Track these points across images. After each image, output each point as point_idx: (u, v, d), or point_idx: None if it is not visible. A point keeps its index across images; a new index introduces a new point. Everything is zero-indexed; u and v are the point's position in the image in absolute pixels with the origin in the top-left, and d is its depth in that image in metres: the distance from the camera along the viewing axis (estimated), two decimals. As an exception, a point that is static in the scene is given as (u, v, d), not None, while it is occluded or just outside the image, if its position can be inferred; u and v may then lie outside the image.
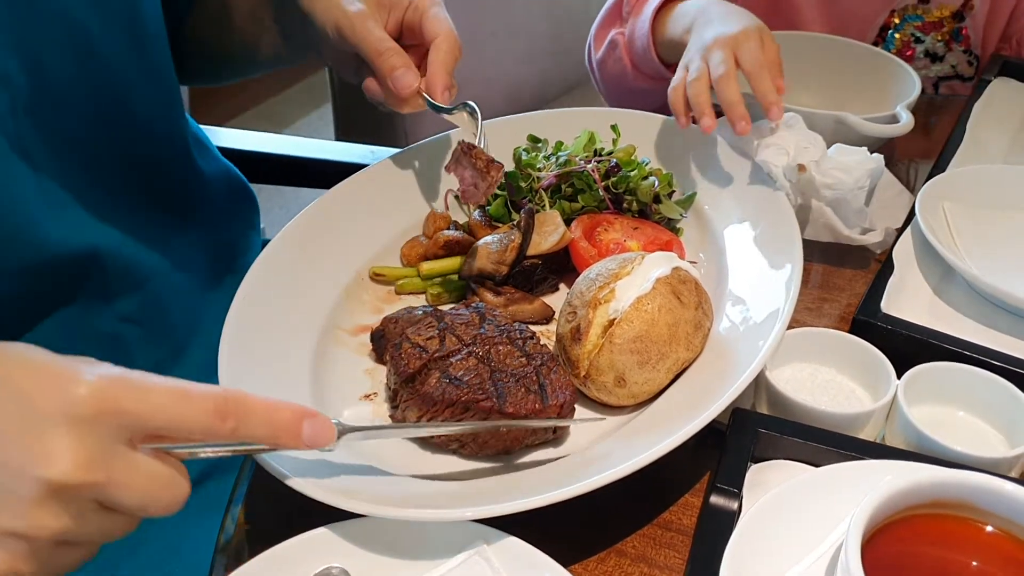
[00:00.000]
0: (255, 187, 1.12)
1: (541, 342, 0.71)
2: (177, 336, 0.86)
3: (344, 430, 0.56)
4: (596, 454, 0.64)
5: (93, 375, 0.46)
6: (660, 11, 1.05)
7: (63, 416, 0.45)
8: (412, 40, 0.81)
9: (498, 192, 0.91)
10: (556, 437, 0.68)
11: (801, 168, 0.86)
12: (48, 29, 0.70)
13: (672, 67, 1.07)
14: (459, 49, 0.79)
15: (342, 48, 0.79)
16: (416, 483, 0.63)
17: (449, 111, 0.81)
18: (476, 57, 1.79)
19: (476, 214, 0.90)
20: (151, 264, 0.83)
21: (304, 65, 1.41)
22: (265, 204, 1.11)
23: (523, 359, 0.68)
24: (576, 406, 0.69)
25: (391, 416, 0.71)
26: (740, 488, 0.63)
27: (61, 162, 0.74)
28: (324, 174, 0.98)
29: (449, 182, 0.95)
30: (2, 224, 0.69)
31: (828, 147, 0.91)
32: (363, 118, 1.54)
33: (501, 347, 0.69)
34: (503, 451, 0.67)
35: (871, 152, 0.91)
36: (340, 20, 0.77)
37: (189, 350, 0.86)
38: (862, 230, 0.91)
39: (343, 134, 1.57)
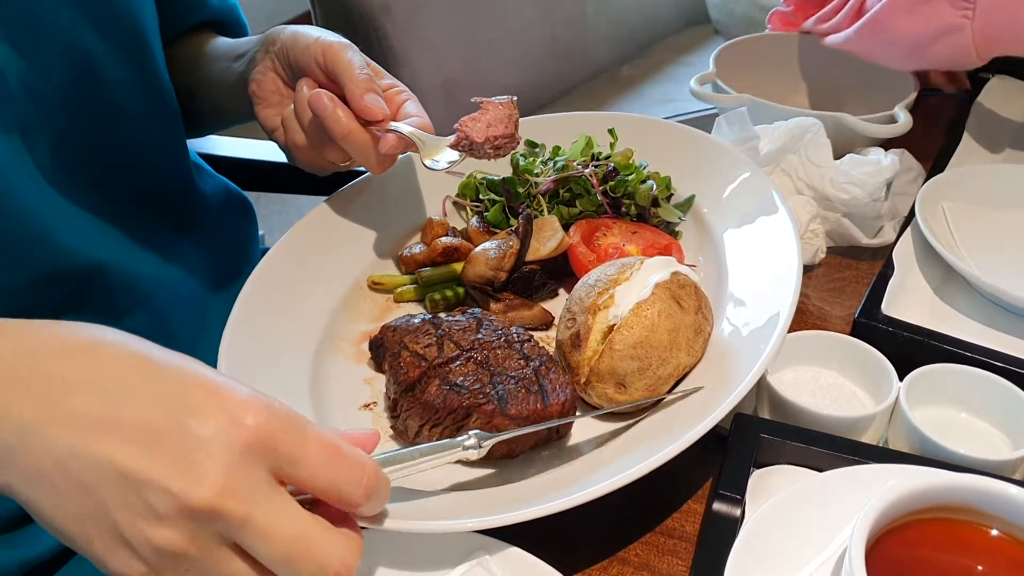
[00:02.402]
0: (253, 195, 1.12)
1: (539, 344, 0.70)
2: (181, 351, 0.86)
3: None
4: (597, 461, 0.64)
5: (261, 406, 0.45)
6: None
7: (221, 441, 0.44)
8: None
9: (496, 198, 0.91)
10: (559, 437, 0.68)
11: None
12: (49, 51, 0.70)
13: None
14: (431, 128, 0.77)
15: (321, 81, 0.78)
16: (416, 494, 0.62)
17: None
18: (473, 63, 1.80)
19: (474, 221, 0.90)
20: (154, 279, 0.83)
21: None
22: (264, 211, 1.11)
23: (521, 361, 0.68)
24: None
25: (392, 427, 0.71)
26: (743, 494, 0.62)
27: (66, 177, 0.74)
28: (322, 181, 0.98)
29: (447, 188, 0.95)
30: (17, 232, 0.70)
31: (833, 151, 0.92)
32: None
33: (499, 351, 0.69)
34: (507, 455, 0.67)
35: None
36: (323, 49, 0.76)
37: None
38: (875, 232, 0.91)
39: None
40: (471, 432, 0.59)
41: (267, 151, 1.22)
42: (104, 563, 0.45)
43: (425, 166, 0.76)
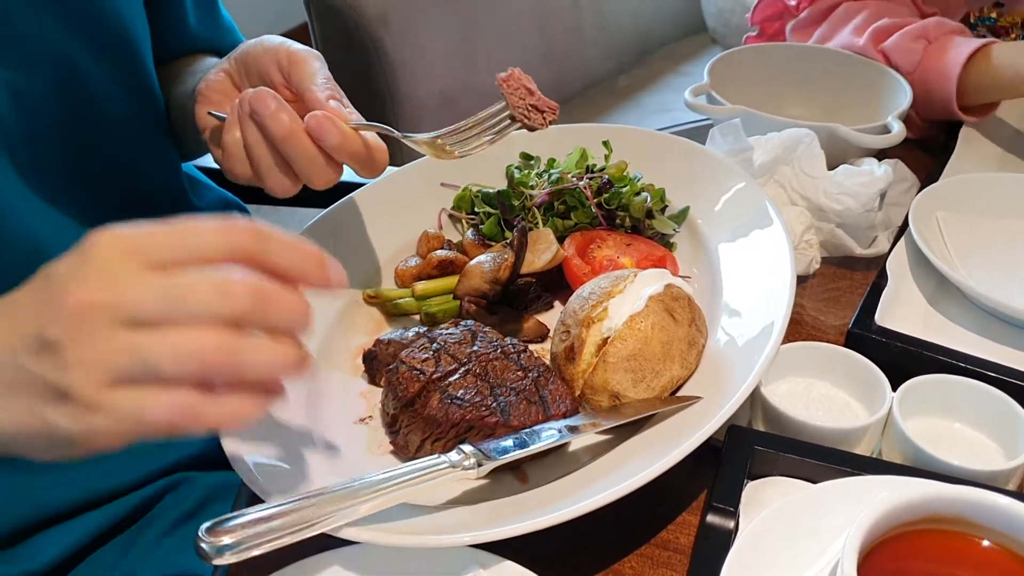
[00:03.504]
0: (253, 207, 1.12)
1: (534, 354, 0.71)
2: None
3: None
4: (591, 474, 0.64)
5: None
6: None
7: (70, 261, 0.48)
8: None
9: (491, 211, 0.92)
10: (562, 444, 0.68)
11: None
12: (36, 65, 0.71)
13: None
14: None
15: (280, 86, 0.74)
16: (411, 509, 0.63)
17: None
18: (471, 73, 1.80)
19: (469, 233, 0.91)
20: None
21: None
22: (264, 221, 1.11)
23: (520, 372, 0.69)
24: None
25: (392, 442, 0.71)
26: (737, 506, 0.62)
27: (57, 191, 0.74)
28: (320, 194, 0.99)
29: (442, 200, 0.95)
30: (7, 246, 0.70)
31: (827, 161, 0.92)
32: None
33: (496, 362, 0.69)
34: (511, 466, 0.67)
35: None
36: (289, 54, 0.73)
37: None
38: (869, 242, 0.91)
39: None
40: (468, 451, 0.59)
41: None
42: (45, 435, 0.47)
43: (402, 140, 0.71)
